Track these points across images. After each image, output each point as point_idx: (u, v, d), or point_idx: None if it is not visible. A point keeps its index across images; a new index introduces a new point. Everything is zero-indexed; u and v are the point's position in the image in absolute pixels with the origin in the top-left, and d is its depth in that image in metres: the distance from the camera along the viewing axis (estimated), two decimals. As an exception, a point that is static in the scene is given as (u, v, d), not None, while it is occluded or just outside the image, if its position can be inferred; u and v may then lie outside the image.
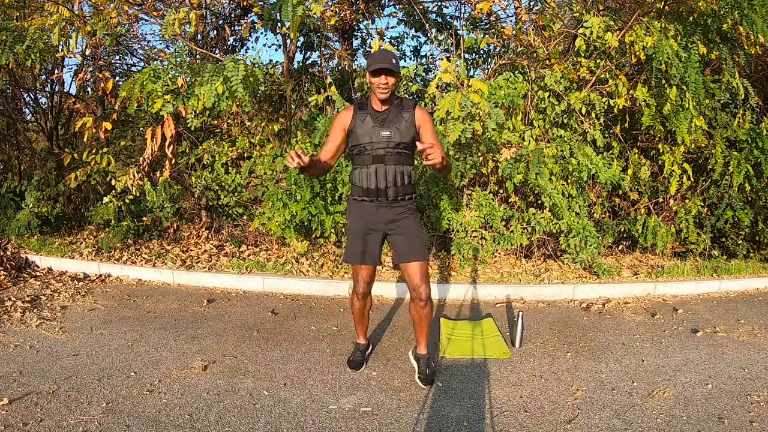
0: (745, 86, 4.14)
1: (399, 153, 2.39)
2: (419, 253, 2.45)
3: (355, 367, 2.72)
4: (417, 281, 2.45)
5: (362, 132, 2.40)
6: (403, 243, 2.47)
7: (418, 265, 2.44)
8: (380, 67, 2.27)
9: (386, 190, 2.42)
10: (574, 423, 2.26)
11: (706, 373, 2.75)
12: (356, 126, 2.41)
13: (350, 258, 2.54)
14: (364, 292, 2.59)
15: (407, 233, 2.47)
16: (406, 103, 2.45)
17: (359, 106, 2.45)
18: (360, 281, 2.55)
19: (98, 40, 4.19)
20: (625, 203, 4.71)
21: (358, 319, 2.73)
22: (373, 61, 2.31)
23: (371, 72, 2.31)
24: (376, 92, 2.35)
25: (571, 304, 3.85)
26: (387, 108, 2.41)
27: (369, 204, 2.46)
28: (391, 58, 2.31)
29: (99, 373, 2.60)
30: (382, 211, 2.46)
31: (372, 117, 2.40)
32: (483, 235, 4.16)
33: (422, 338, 2.62)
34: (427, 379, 2.56)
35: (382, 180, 2.40)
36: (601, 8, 4.34)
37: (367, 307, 2.69)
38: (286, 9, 3.19)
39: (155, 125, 4.13)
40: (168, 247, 4.69)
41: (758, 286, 4.37)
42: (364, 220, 2.49)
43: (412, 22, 5.09)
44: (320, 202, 3.91)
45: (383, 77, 2.30)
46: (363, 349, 2.82)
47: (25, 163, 5.30)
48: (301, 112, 5.03)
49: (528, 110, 4.23)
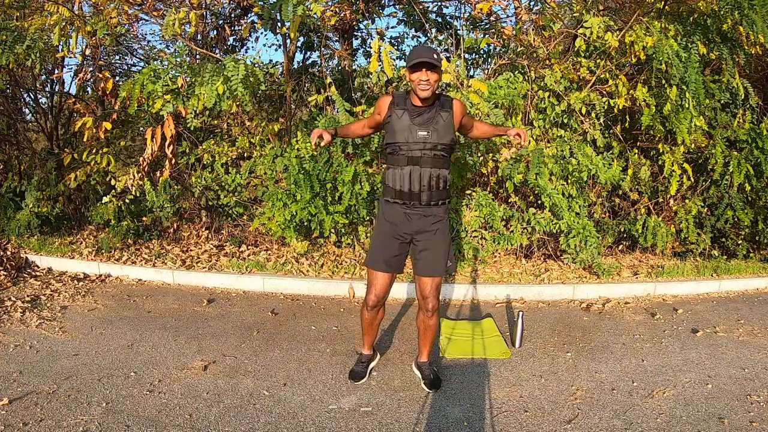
0: (745, 86, 4.14)
1: (436, 156, 2.25)
2: (438, 269, 2.36)
3: (356, 378, 2.60)
4: (427, 293, 2.38)
5: (398, 128, 2.25)
6: (426, 257, 2.36)
7: (431, 280, 2.37)
8: (421, 60, 2.10)
9: (420, 194, 2.27)
10: (574, 423, 2.26)
11: (706, 373, 2.75)
12: (392, 120, 2.27)
13: (372, 263, 2.40)
14: (374, 304, 2.45)
15: (433, 247, 2.35)
16: (445, 100, 2.30)
17: (397, 99, 2.29)
18: (373, 290, 2.41)
19: (98, 40, 4.19)
20: (625, 203, 4.71)
21: (366, 329, 2.60)
22: (413, 56, 2.14)
23: (410, 67, 2.15)
24: (416, 90, 2.18)
25: (571, 304, 3.85)
26: (427, 106, 2.25)
27: (401, 207, 2.32)
28: (433, 53, 2.14)
29: (99, 373, 2.60)
30: (414, 218, 2.32)
31: (410, 114, 2.24)
32: (483, 235, 4.16)
33: (425, 348, 2.60)
34: (433, 383, 2.54)
35: (417, 183, 2.26)
36: (601, 8, 4.33)
37: (377, 319, 2.56)
38: (286, 9, 3.19)
39: (155, 125, 4.13)
40: (168, 247, 4.69)
41: (758, 286, 4.37)
42: (394, 227, 2.35)
43: (412, 22, 5.08)
44: (320, 202, 3.91)
45: (424, 72, 2.13)
46: (366, 360, 2.69)
47: (25, 163, 5.30)
48: (301, 112, 5.03)
49: (528, 110, 4.23)
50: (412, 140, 2.23)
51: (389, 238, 2.37)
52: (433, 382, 2.54)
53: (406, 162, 2.26)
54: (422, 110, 2.25)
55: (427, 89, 2.16)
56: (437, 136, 2.23)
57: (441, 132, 2.24)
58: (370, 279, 2.43)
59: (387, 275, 2.41)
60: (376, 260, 2.39)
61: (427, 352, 2.61)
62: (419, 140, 2.23)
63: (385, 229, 2.38)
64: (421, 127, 2.23)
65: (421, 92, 2.17)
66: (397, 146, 2.27)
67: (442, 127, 2.24)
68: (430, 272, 2.37)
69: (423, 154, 2.24)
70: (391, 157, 2.31)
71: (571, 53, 4.30)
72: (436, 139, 2.23)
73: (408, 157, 2.25)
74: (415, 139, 2.23)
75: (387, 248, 2.37)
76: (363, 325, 2.58)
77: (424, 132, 2.23)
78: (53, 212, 4.88)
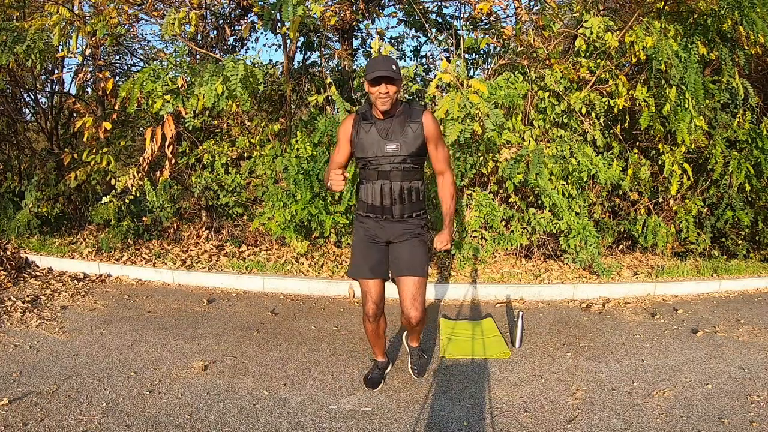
0: (744, 86, 4.14)
1: (405, 169, 2.21)
2: (415, 268, 2.27)
3: (373, 385, 2.54)
4: (407, 302, 2.27)
5: (367, 143, 2.20)
6: (402, 257, 2.29)
7: (412, 282, 2.26)
8: (379, 75, 2.04)
9: (392, 208, 2.24)
10: (574, 423, 2.26)
11: (706, 373, 2.75)
12: (360, 137, 2.22)
13: (356, 272, 2.35)
14: (374, 314, 2.36)
15: (409, 248, 2.29)
16: (415, 110, 2.23)
17: (362, 116, 2.24)
18: (369, 300, 2.34)
19: (98, 40, 4.19)
20: (625, 203, 4.70)
21: (373, 340, 2.52)
22: (371, 69, 2.08)
23: (369, 81, 2.09)
24: (377, 103, 2.13)
25: (571, 304, 3.85)
26: (392, 117, 2.20)
27: (373, 221, 2.30)
28: (391, 64, 2.08)
29: (99, 373, 2.60)
30: (388, 228, 2.29)
31: (377, 127, 2.20)
32: (483, 235, 4.16)
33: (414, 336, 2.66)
34: (418, 371, 2.64)
35: (387, 198, 2.23)
36: (601, 8, 4.34)
37: (380, 329, 2.48)
38: (286, 9, 3.19)
39: (155, 125, 4.13)
40: (168, 247, 4.69)
41: (758, 286, 4.36)
42: (369, 236, 2.33)
43: (412, 22, 5.08)
44: (320, 202, 3.91)
45: (383, 86, 2.08)
46: (383, 367, 2.63)
47: (25, 163, 5.30)
48: (301, 112, 5.03)
49: (528, 110, 4.23)
50: (381, 154, 2.19)
51: (367, 246, 2.33)
52: (419, 370, 2.66)
53: (377, 176, 2.23)
54: (388, 122, 2.20)
55: (387, 102, 2.12)
56: (406, 148, 2.19)
57: (410, 143, 2.19)
58: (363, 290, 2.37)
59: (377, 282, 2.34)
60: (360, 269, 2.34)
61: (417, 339, 2.66)
62: (388, 154, 2.19)
63: (362, 239, 2.35)
64: (389, 141, 2.19)
65: (381, 105, 2.13)
66: (366, 161, 2.24)
67: (411, 139, 2.19)
68: (407, 270, 2.27)
69: (392, 168, 2.20)
70: (363, 171, 2.28)
71: (571, 53, 4.30)
72: (405, 151, 2.19)
73: (378, 171, 2.22)
74: (384, 152, 2.19)
75: (367, 256, 2.33)
76: (369, 337, 2.51)
77: (392, 146, 2.18)
78: (53, 212, 4.89)
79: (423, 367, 2.67)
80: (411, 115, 2.21)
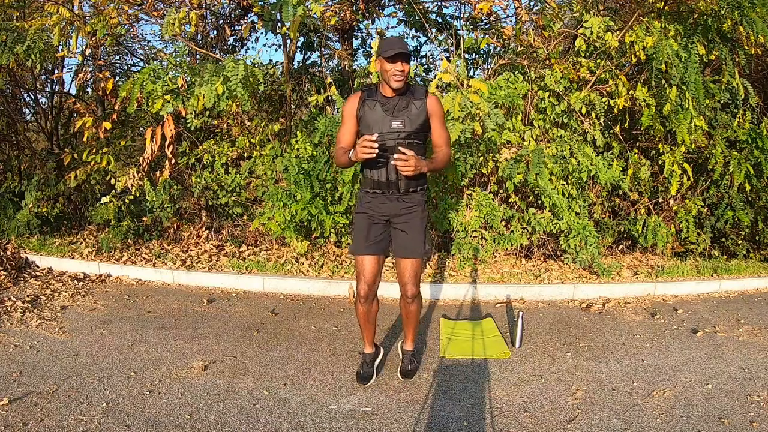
0: (745, 86, 4.14)
1: (410, 144, 2.27)
2: (413, 250, 2.39)
3: (364, 380, 2.56)
4: (405, 278, 2.41)
5: (372, 120, 2.28)
6: (401, 238, 2.40)
7: (409, 263, 2.40)
8: (399, 51, 2.13)
9: (398, 183, 2.32)
10: (574, 423, 2.26)
11: (706, 373, 2.75)
12: (365, 113, 2.29)
13: (356, 247, 2.44)
14: (366, 294, 2.42)
15: (409, 230, 2.39)
16: (417, 89, 2.32)
17: (368, 93, 2.33)
18: (362, 278, 2.41)
19: (98, 40, 4.19)
20: (625, 203, 4.70)
21: (363, 324, 2.56)
22: (390, 46, 2.16)
23: (387, 58, 2.15)
24: (390, 80, 2.20)
25: (571, 304, 3.85)
26: (398, 95, 2.28)
27: (380, 196, 2.38)
28: (405, 44, 2.20)
29: (99, 373, 2.60)
30: (391, 203, 2.37)
31: (381, 105, 2.28)
32: (483, 235, 4.16)
33: (409, 333, 2.66)
34: (407, 374, 2.63)
35: (393, 172, 2.28)
36: (601, 8, 4.34)
37: (372, 312, 2.53)
38: (287, 9, 3.19)
39: (155, 125, 4.13)
40: (168, 247, 4.69)
41: (758, 286, 4.36)
42: (372, 212, 2.41)
43: (412, 22, 5.08)
44: (320, 202, 3.91)
45: (399, 63, 2.16)
46: (370, 360, 2.65)
47: (25, 163, 5.30)
48: (301, 112, 5.03)
49: (528, 110, 4.23)
50: (386, 130, 2.26)
51: (369, 223, 2.42)
52: (405, 372, 2.64)
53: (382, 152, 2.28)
54: (393, 100, 2.28)
55: (401, 79, 2.20)
56: (410, 124, 2.27)
57: (414, 120, 2.27)
58: (358, 268, 2.44)
59: (373, 259, 2.41)
60: (359, 244, 2.42)
61: (411, 338, 2.67)
62: (393, 130, 2.26)
63: (364, 216, 2.43)
64: (394, 117, 2.26)
65: (395, 82, 2.20)
66: None
67: (414, 116, 2.27)
68: (406, 253, 2.40)
69: (397, 143, 2.26)
70: None
71: (571, 53, 4.30)
72: (409, 127, 2.27)
73: (384, 148, 2.26)
74: (389, 129, 2.26)
75: (368, 232, 2.41)
76: (359, 320, 2.56)
77: (397, 122, 2.26)
78: (53, 212, 4.88)
79: (412, 372, 2.65)
80: (414, 93, 2.31)
